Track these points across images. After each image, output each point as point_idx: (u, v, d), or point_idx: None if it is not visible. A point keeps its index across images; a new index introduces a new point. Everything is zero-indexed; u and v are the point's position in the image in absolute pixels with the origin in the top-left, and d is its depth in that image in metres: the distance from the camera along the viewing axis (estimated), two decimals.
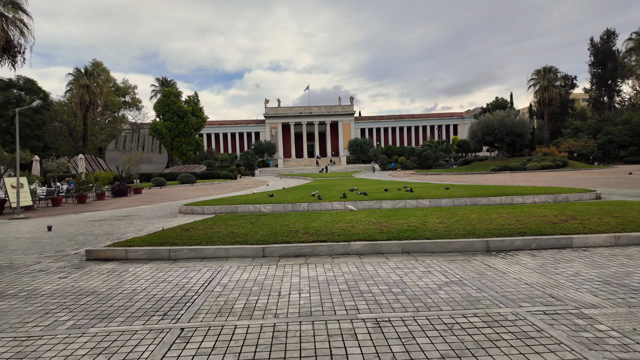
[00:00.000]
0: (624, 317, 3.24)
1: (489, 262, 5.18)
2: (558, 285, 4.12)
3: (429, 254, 5.73)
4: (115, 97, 60.02)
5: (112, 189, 23.06)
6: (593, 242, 6.02)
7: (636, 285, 4.07)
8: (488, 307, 3.53)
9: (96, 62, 58.17)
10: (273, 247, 5.87)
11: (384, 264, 5.21)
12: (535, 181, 23.57)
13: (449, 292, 4.00)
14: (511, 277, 4.46)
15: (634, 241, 6.04)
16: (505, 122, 38.19)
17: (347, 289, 4.15)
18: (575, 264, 4.96)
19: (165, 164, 40.64)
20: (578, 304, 3.57)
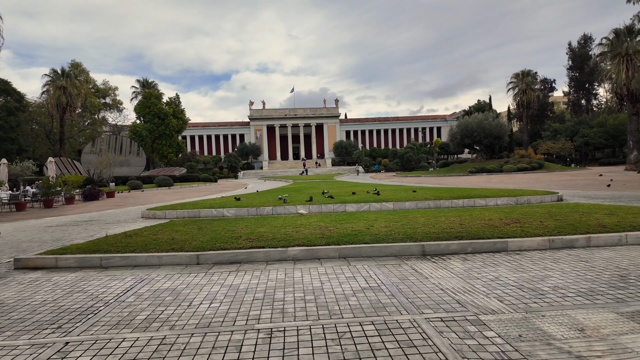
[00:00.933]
0: (516, 323, 3.27)
1: (418, 267, 5.19)
2: (471, 291, 4.14)
3: (365, 259, 5.72)
4: (95, 99, 58.83)
5: (82, 193, 22.54)
6: (527, 246, 6.11)
7: (546, 289, 4.12)
8: (390, 315, 3.52)
9: (75, 62, 57.04)
10: (208, 254, 5.77)
11: (314, 270, 5.17)
12: (509, 183, 23.98)
13: (361, 298, 3.98)
14: (430, 283, 4.48)
15: (567, 244, 6.15)
16: (484, 124, 38.81)
17: (262, 298, 4.10)
18: (500, 268, 5.01)
19: (144, 166, 39.98)
20: (480, 309, 3.59)
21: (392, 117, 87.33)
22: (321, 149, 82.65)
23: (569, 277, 4.53)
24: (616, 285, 4.19)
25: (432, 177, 35.03)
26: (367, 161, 63.58)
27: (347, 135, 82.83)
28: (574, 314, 3.43)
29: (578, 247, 6.14)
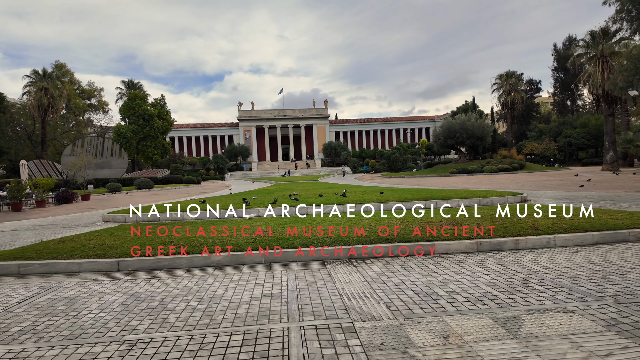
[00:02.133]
0: (387, 331, 3.25)
1: (334, 271, 5.16)
2: (368, 296, 4.12)
3: (289, 264, 5.68)
4: (80, 100, 58.18)
5: (55, 196, 22.22)
6: (455, 249, 6.12)
7: (442, 294, 4.12)
8: (269, 323, 3.48)
9: (59, 63, 56.41)
10: (129, 260, 5.69)
11: (229, 277, 5.12)
12: (485, 184, 24.15)
13: (254, 306, 3.94)
14: (334, 288, 4.45)
15: (495, 247, 6.17)
16: (466, 125, 39.07)
17: (154, 307, 4.03)
18: (413, 272, 5.00)
19: (125, 168, 39.59)
20: (362, 316, 3.57)
21: (382, 118, 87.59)
22: (311, 149, 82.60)
23: (473, 282, 4.53)
24: (513, 290, 4.19)
25: (414, 177, 35.17)
26: (355, 162, 63.70)
27: (336, 136, 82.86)
28: (450, 320, 3.43)
29: (506, 249, 6.17)
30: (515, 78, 51.76)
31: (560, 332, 3.11)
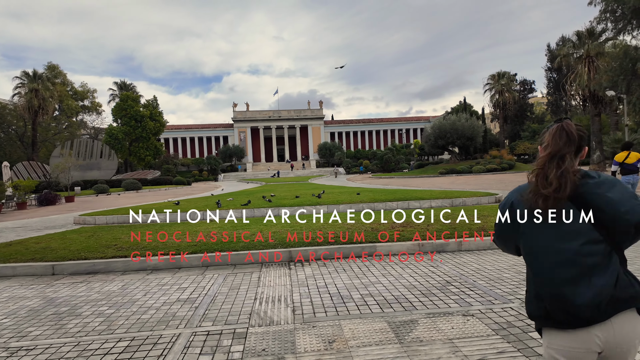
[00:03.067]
0: (277, 336, 3.21)
1: (267, 274, 5.12)
2: (282, 300, 4.08)
3: (226, 267, 5.64)
4: (73, 101, 58.09)
5: (38, 198, 22.16)
6: (397, 250, 6.08)
7: (357, 297, 4.08)
8: (166, 328, 3.44)
9: (52, 64, 56.34)
10: (65, 264, 5.65)
11: (156, 281, 5.08)
12: (471, 184, 24.15)
13: (162, 310, 3.90)
14: (253, 291, 4.41)
15: (437, 248, 6.13)
16: (456, 126, 39.07)
17: (61, 312, 3.99)
18: (343, 275, 4.96)
19: (115, 170, 39.50)
20: (262, 321, 3.53)
21: (377, 118, 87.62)
22: (306, 150, 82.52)
23: (395, 284, 4.50)
24: (428, 293, 4.16)
25: (403, 178, 35.16)
26: (349, 162, 63.67)
27: (331, 137, 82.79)
28: (346, 324, 3.39)
29: (448, 251, 6.14)
30: (507, 78, 51.76)
31: (448, 336, 3.08)
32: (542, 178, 1.45)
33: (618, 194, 1.40)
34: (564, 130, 1.49)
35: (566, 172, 1.43)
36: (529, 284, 1.54)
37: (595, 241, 1.39)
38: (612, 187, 1.42)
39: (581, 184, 1.43)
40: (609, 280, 1.36)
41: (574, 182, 1.42)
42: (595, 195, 1.41)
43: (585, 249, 1.38)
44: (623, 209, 1.37)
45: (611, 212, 1.38)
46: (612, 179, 1.47)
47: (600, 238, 1.40)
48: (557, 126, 1.52)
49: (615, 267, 1.39)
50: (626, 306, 1.39)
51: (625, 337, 1.39)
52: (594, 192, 1.41)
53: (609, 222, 1.39)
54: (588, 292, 1.35)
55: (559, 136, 1.49)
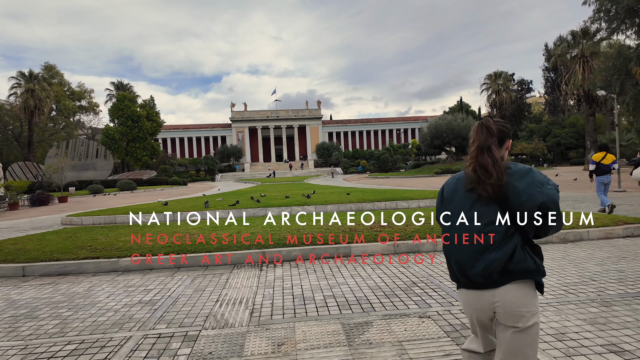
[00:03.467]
0: (228, 339, 3.17)
1: (236, 276, 5.09)
2: (243, 302, 4.04)
3: (197, 269, 5.60)
4: (70, 102, 58.03)
5: (30, 198, 22.11)
6: (372, 251, 6.05)
7: (319, 298, 4.04)
8: (118, 331, 3.40)
9: (49, 65, 56.37)
10: (35, 265, 5.61)
11: (124, 283, 5.04)
12: None
13: (121, 312, 3.86)
14: (218, 293, 4.38)
15: (413, 249, 6.10)
16: (452, 126, 39.06)
17: (19, 315, 3.95)
18: (312, 276, 4.93)
19: (111, 170, 39.45)
20: (217, 324, 3.49)
21: (375, 118, 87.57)
22: (304, 150, 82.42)
23: (361, 285, 4.46)
24: (392, 294, 4.13)
25: (399, 178, 35.14)
26: (346, 162, 63.64)
27: (329, 137, 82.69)
28: (301, 326, 3.36)
29: (424, 252, 6.10)
30: (503, 78, 51.72)
31: (398, 338, 3.04)
32: (483, 170, 1.64)
33: (523, 184, 1.61)
34: (484, 125, 1.72)
35: (497, 165, 1.64)
36: (445, 254, 1.81)
37: (498, 221, 1.62)
38: (520, 178, 1.62)
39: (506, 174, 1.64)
40: (503, 256, 1.59)
41: (503, 172, 1.63)
42: (508, 184, 1.61)
43: (488, 229, 1.63)
44: (524, 197, 1.58)
45: (515, 199, 1.60)
46: (525, 170, 1.65)
47: (503, 218, 1.62)
48: (478, 123, 1.76)
49: (512, 245, 1.60)
50: (517, 277, 1.62)
51: (511, 304, 1.62)
52: (508, 181, 1.62)
53: (514, 208, 1.60)
54: (481, 263, 1.62)
55: (481, 131, 1.72)
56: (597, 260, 5.20)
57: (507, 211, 1.62)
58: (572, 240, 6.48)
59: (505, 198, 1.61)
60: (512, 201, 1.60)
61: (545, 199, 1.57)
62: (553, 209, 1.59)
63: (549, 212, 1.59)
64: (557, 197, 1.61)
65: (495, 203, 1.63)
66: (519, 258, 1.59)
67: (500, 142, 1.72)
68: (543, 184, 1.61)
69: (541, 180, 1.62)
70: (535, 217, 1.59)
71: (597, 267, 4.86)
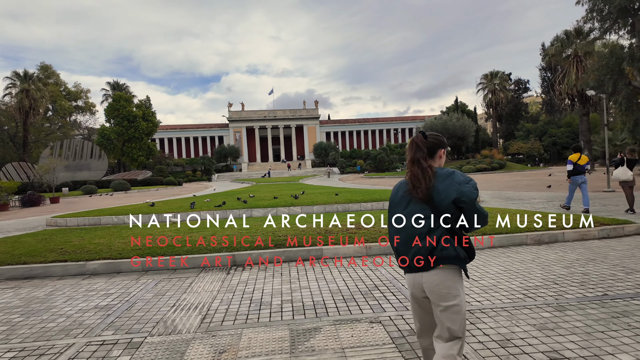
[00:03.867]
0: (171, 346, 3.12)
1: (202, 280, 5.03)
2: (199, 307, 3.99)
3: (165, 272, 5.55)
4: (66, 102, 57.91)
5: (21, 199, 22.04)
6: (344, 253, 6.00)
7: (277, 302, 3.99)
8: (63, 338, 3.35)
9: (44, 65, 56.21)
10: (1, 269, 5.56)
11: (87, 286, 4.99)
12: None
13: (72, 318, 3.81)
14: (176, 298, 4.33)
15: (385, 251, 6.05)
16: (448, 125, 39.04)
17: None
18: (276, 280, 4.88)
19: (105, 170, 39.38)
20: (164, 330, 3.44)
21: (373, 118, 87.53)
22: (302, 150, 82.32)
23: (324, 289, 4.41)
24: (350, 298, 4.08)
25: (394, 178, 35.10)
26: (343, 162, 63.59)
27: (327, 137, 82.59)
28: (248, 332, 3.31)
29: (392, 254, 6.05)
30: (500, 78, 51.67)
31: (342, 345, 2.99)
32: (415, 179, 1.97)
33: (444, 185, 1.91)
34: (413, 142, 2.08)
35: (427, 172, 1.95)
36: (390, 245, 2.12)
37: (426, 217, 1.93)
38: (443, 180, 1.93)
39: (434, 177, 1.95)
40: (429, 245, 1.90)
41: (431, 177, 1.95)
42: (433, 186, 1.93)
43: (417, 222, 1.94)
44: (443, 195, 1.89)
45: (437, 197, 1.91)
46: (448, 173, 1.95)
47: (429, 215, 1.93)
48: (410, 140, 2.10)
49: (438, 235, 1.90)
50: (442, 262, 1.91)
51: (435, 285, 1.92)
52: (434, 183, 1.94)
53: (437, 205, 1.91)
54: (412, 251, 1.94)
55: (411, 147, 2.07)
56: (566, 262, 5.15)
57: (433, 208, 1.92)
58: (547, 242, 6.44)
59: (431, 198, 1.92)
60: (435, 199, 1.91)
61: (458, 194, 1.86)
62: (468, 203, 1.86)
63: (464, 205, 1.86)
64: (473, 194, 1.87)
65: (425, 202, 1.95)
66: (442, 247, 1.90)
67: (431, 152, 2.06)
68: (461, 183, 1.89)
69: (460, 180, 1.91)
70: (457, 211, 1.90)
71: (563, 269, 4.82)
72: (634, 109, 23.59)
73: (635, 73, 23.66)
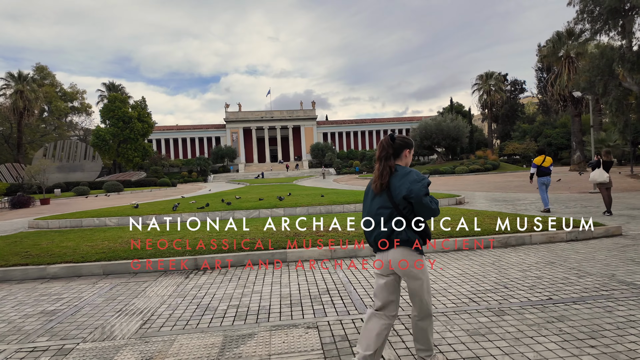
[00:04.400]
0: (100, 353, 3.10)
1: (158, 284, 5.01)
2: (144, 311, 3.97)
3: (125, 275, 5.53)
4: (62, 103, 57.85)
5: (10, 200, 22.00)
6: (308, 256, 5.98)
7: (222, 308, 3.97)
8: None
9: (40, 66, 56.22)
10: None
11: (40, 291, 4.96)
12: (448, 185, 24.11)
13: (14, 324, 3.78)
14: (125, 303, 4.30)
15: (349, 254, 6.04)
16: (442, 126, 39.03)
17: None
18: (232, 284, 4.86)
19: (99, 171, 39.34)
20: (100, 336, 3.42)
21: (370, 118, 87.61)
22: (299, 151, 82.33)
23: (274, 293, 4.39)
24: (297, 302, 4.06)
25: None
26: (339, 163, 63.59)
27: (324, 138, 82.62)
28: (182, 338, 3.28)
29: (361, 256, 6.04)
30: (495, 79, 51.68)
31: (270, 352, 2.97)
32: (378, 174, 2.38)
33: (399, 182, 2.31)
34: (381, 143, 2.45)
35: (385, 169, 2.36)
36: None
37: (385, 207, 2.35)
38: (400, 178, 2.32)
39: (392, 175, 2.35)
40: (387, 229, 2.33)
41: (389, 174, 2.35)
42: (390, 182, 2.35)
43: (379, 211, 2.37)
44: (397, 191, 2.31)
45: (393, 191, 2.33)
46: (405, 172, 2.33)
47: (389, 205, 2.34)
48: (379, 141, 2.48)
49: (395, 222, 2.32)
50: (399, 243, 2.33)
51: (396, 261, 2.34)
52: (391, 180, 2.35)
53: (393, 198, 2.32)
54: (374, 234, 2.39)
55: (379, 147, 2.46)
56: (525, 266, 5.14)
57: (391, 201, 2.33)
58: (514, 245, 6.43)
59: (389, 191, 2.34)
60: (392, 193, 2.33)
61: (407, 192, 2.26)
62: (415, 199, 2.24)
63: (412, 201, 2.25)
64: (421, 192, 2.23)
65: (385, 195, 2.36)
66: (397, 232, 2.32)
67: (397, 153, 2.43)
68: (412, 182, 2.27)
69: (413, 179, 2.29)
70: (408, 205, 2.30)
71: (519, 273, 4.80)
72: (624, 109, 23.60)
73: (625, 74, 23.68)
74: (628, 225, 7.74)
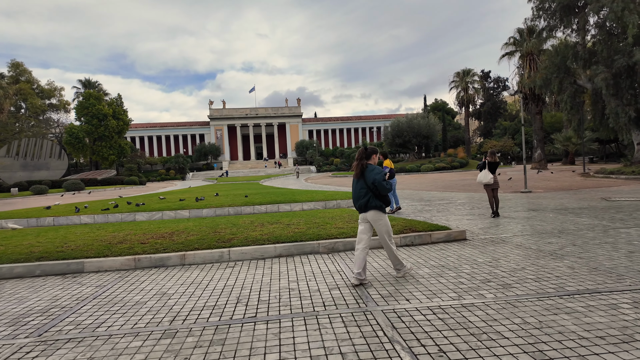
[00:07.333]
0: None
1: None
2: None
3: None
4: (38, 100, 57.17)
5: None
6: (109, 266, 5.67)
7: None
8: None
9: (15, 62, 55.57)
10: None
11: None
12: (403, 183, 23.90)
13: None
14: None
15: (157, 263, 5.77)
16: (413, 124, 38.83)
17: None
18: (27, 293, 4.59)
19: (65, 170, 38.87)
20: None
21: (355, 116, 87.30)
22: (284, 148, 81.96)
23: (98, 308, 4.12)
24: None
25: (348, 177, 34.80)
26: (320, 161, 63.30)
27: (310, 135, 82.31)
28: None
29: (170, 266, 5.77)
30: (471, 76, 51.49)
31: None
32: (356, 168, 4.47)
33: (369, 174, 4.35)
34: (359, 151, 4.53)
35: (358, 166, 4.44)
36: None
37: (363, 188, 4.38)
38: (370, 171, 4.36)
39: (365, 169, 4.40)
40: (365, 201, 4.36)
41: (362, 169, 4.41)
42: (365, 174, 4.39)
43: (362, 192, 4.39)
44: (369, 180, 4.32)
45: (367, 179, 4.35)
46: (372, 167, 4.40)
47: (365, 187, 4.36)
48: (358, 150, 4.59)
49: (369, 197, 4.34)
50: (371, 208, 4.37)
51: (371, 217, 4.39)
52: (365, 173, 4.39)
53: (367, 183, 4.34)
54: (358, 202, 4.44)
55: (357, 153, 4.52)
56: (309, 275, 4.88)
57: (365, 184, 4.33)
58: (342, 250, 6.16)
59: (364, 179, 4.36)
60: (366, 181, 4.34)
61: (372, 180, 4.27)
62: (376, 184, 4.24)
63: (376, 184, 4.25)
64: (379, 179, 4.26)
65: (362, 180, 4.39)
66: (372, 201, 4.33)
67: (368, 156, 4.47)
68: (376, 174, 4.30)
69: (377, 172, 4.32)
70: (374, 186, 4.28)
71: (286, 285, 4.54)
72: (579, 107, 23.41)
73: (579, 72, 23.50)
74: (496, 228, 7.51)
